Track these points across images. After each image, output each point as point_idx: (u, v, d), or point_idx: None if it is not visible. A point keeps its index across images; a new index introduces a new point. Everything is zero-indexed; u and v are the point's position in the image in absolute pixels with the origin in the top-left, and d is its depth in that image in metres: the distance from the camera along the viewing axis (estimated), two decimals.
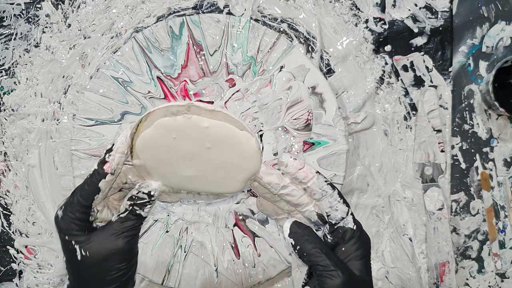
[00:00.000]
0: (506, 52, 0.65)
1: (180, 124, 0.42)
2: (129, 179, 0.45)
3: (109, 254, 0.41)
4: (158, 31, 0.62)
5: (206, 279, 0.61)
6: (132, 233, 0.42)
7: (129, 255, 0.42)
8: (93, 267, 0.41)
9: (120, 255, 0.41)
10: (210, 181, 0.44)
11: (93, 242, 0.41)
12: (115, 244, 0.41)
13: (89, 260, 0.41)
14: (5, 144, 0.65)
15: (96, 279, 0.41)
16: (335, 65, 0.64)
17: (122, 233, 0.42)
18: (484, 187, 0.64)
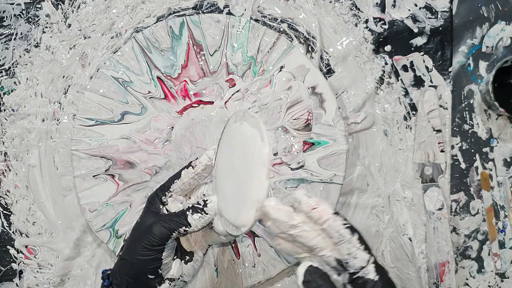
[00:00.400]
0: (506, 52, 0.65)
1: (237, 128, 0.45)
2: None
3: (145, 231, 0.46)
4: (158, 31, 0.62)
5: (206, 279, 0.61)
6: (167, 227, 0.46)
7: (157, 242, 0.46)
8: (135, 233, 0.48)
9: (150, 236, 0.46)
10: (235, 209, 0.44)
11: (146, 216, 0.49)
12: (152, 226, 0.46)
13: (137, 227, 0.49)
14: (5, 144, 0.65)
15: (131, 245, 0.47)
16: (335, 65, 0.64)
17: (161, 222, 0.47)
18: (484, 187, 0.64)
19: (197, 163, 0.49)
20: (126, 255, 0.47)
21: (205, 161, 0.48)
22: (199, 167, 0.49)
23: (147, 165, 0.61)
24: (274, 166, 0.61)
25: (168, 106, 0.62)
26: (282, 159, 0.61)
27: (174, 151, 0.61)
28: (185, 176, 0.49)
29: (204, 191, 0.50)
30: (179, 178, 0.49)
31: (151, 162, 0.61)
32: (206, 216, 0.46)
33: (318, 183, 0.61)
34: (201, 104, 0.62)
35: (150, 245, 0.46)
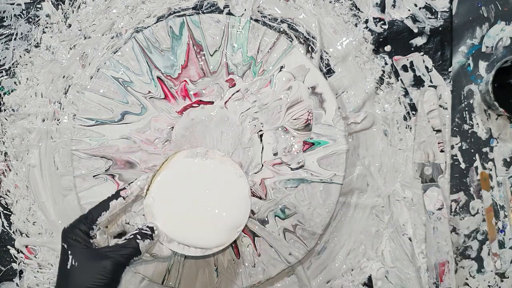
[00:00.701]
0: (505, 52, 0.65)
1: (195, 164, 0.52)
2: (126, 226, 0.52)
3: (94, 270, 0.43)
4: (158, 31, 0.62)
5: (206, 279, 0.61)
6: (121, 260, 0.45)
7: (110, 279, 0.44)
8: (76, 278, 0.44)
9: (102, 274, 0.43)
10: (200, 232, 0.50)
11: (84, 255, 0.45)
12: (103, 263, 0.44)
13: (75, 270, 0.44)
14: (6, 144, 0.65)
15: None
16: (335, 65, 0.65)
17: (113, 256, 0.44)
18: (484, 187, 0.64)
19: (127, 194, 0.50)
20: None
21: (136, 191, 0.50)
22: (130, 197, 0.50)
23: (147, 165, 0.61)
24: (274, 166, 0.61)
25: (168, 106, 0.62)
26: (282, 159, 0.61)
27: (174, 151, 0.62)
28: (114, 208, 0.49)
29: (125, 219, 0.51)
30: (108, 209, 0.48)
31: (151, 162, 0.61)
32: (153, 241, 0.48)
33: (318, 183, 0.61)
34: (201, 104, 0.62)
35: (105, 285, 0.43)
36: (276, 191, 0.61)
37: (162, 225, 0.50)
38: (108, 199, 0.49)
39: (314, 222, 0.61)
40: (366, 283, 0.64)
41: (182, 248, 0.50)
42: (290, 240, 0.61)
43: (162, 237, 0.50)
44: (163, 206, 0.51)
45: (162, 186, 0.51)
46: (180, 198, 0.51)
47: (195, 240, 0.51)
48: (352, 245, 0.64)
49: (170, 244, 0.50)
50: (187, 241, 0.50)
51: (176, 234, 0.50)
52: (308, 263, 0.63)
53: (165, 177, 0.51)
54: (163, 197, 0.51)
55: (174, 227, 0.50)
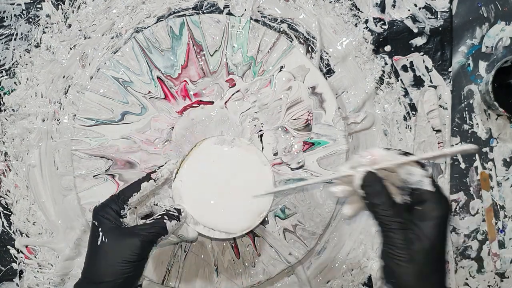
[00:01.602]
0: (505, 52, 0.65)
1: (223, 151, 0.54)
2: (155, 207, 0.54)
3: (123, 246, 0.45)
4: (158, 32, 0.62)
5: (206, 279, 0.61)
6: (150, 238, 0.46)
7: (139, 256, 0.45)
8: (106, 254, 0.45)
9: (131, 251, 0.45)
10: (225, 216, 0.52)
11: (114, 232, 0.46)
12: (132, 240, 0.45)
13: (106, 246, 0.46)
14: (6, 144, 0.65)
15: (104, 266, 0.45)
16: (335, 65, 0.65)
17: (142, 234, 0.46)
18: (484, 187, 0.64)
19: (158, 176, 0.52)
20: (103, 278, 0.44)
21: (166, 175, 0.53)
22: (161, 180, 0.53)
23: (147, 165, 0.61)
24: (274, 166, 0.61)
25: (168, 106, 0.62)
26: (282, 159, 0.61)
27: (174, 151, 0.62)
28: (145, 189, 0.51)
29: (154, 201, 0.54)
30: (139, 191, 0.50)
31: (151, 162, 0.61)
32: (179, 222, 0.50)
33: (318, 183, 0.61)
34: (201, 104, 0.62)
35: (134, 261, 0.45)
36: None
37: (189, 207, 0.52)
38: (139, 180, 0.51)
39: (314, 222, 0.61)
40: (366, 283, 0.64)
41: (207, 231, 0.52)
42: (290, 240, 0.61)
43: (189, 219, 0.52)
44: (190, 190, 0.53)
45: (190, 170, 0.53)
46: (207, 183, 0.53)
47: (220, 223, 0.52)
48: (352, 245, 0.64)
49: (196, 226, 0.52)
50: (212, 224, 0.52)
51: (202, 217, 0.52)
52: (308, 263, 0.63)
53: (193, 161, 0.54)
54: (191, 181, 0.53)
55: (201, 210, 0.52)
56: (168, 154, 0.61)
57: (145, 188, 0.51)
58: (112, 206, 0.49)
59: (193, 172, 0.53)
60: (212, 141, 0.55)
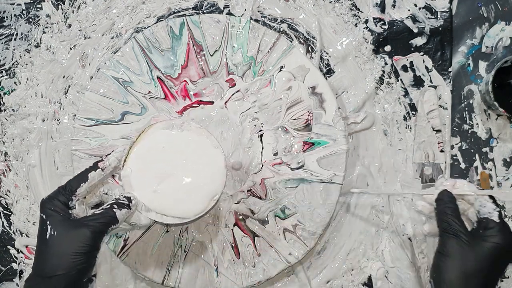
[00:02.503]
0: (505, 52, 0.65)
1: (172, 136, 0.52)
2: (104, 196, 0.53)
3: (73, 238, 0.44)
4: (159, 32, 0.62)
5: (206, 279, 0.61)
6: (100, 228, 0.45)
7: (90, 247, 0.44)
8: (56, 247, 0.44)
9: (81, 242, 0.44)
10: (177, 201, 0.51)
11: (63, 224, 0.45)
12: (82, 231, 0.44)
13: (55, 239, 0.44)
14: (6, 144, 0.65)
15: (55, 259, 0.44)
16: (335, 65, 0.65)
17: (91, 224, 0.45)
18: (484, 187, 0.64)
19: (106, 165, 0.50)
20: (55, 271, 0.43)
21: (114, 163, 0.51)
22: (108, 169, 0.51)
23: None
24: (274, 166, 0.61)
25: (168, 106, 0.62)
26: (282, 159, 0.61)
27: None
28: (93, 179, 0.49)
29: (104, 190, 0.52)
30: (86, 181, 0.49)
31: None
32: (130, 211, 0.49)
33: (318, 183, 0.61)
34: (201, 104, 0.62)
35: (85, 252, 0.44)
36: (276, 191, 0.61)
37: (140, 195, 0.51)
38: (86, 170, 0.50)
39: (314, 222, 0.61)
40: (366, 283, 0.64)
41: (160, 217, 0.51)
42: (290, 240, 0.61)
43: (140, 206, 0.51)
44: (140, 177, 0.51)
45: (139, 157, 0.52)
46: (157, 169, 0.51)
47: (172, 209, 0.51)
48: (352, 245, 0.64)
49: (148, 213, 0.51)
50: (164, 210, 0.51)
51: (154, 203, 0.51)
52: (308, 263, 0.63)
53: (142, 148, 0.52)
54: (140, 168, 0.51)
55: (152, 197, 0.51)
56: None
57: (93, 178, 0.49)
58: (60, 198, 0.47)
59: (142, 159, 0.51)
60: (160, 126, 0.53)
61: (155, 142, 0.52)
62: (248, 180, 0.61)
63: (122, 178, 0.51)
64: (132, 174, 0.51)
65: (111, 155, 0.51)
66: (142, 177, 0.51)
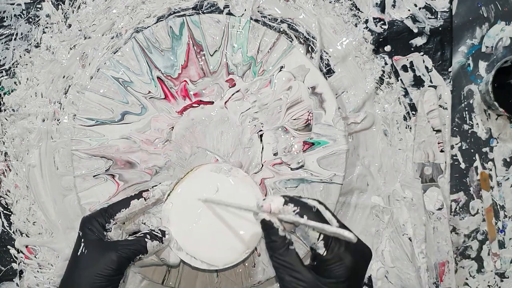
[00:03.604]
0: (505, 52, 0.65)
1: (218, 180, 0.53)
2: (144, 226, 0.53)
3: (100, 259, 0.45)
4: (159, 31, 0.62)
5: (206, 279, 0.61)
6: (127, 255, 0.46)
7: (114, 271, 0.45)
8: (83, 265, 0.46)
9: (107, 265, 0.45)
10: (209, 247, 0.51)
11: (95, 244, 0.47)
12: (109, 254, 0.45)
13: (84, 257, 0.46)
14: (6, 144, 0.65)
15: (80, 277, 0.45)
16: (335, 65, 0.65)
17: (119, 250, 0.46)
18: (484, 187, 0.64)
19: (149, 196, 0.52)
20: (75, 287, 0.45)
21: (158, 195, 0.52)
22: (151, 200, 0.52)
23: (148, 165, 0.61)
24: (274, 166, 0.61)
25: (168, 106, 0.62)
26: (282, 159, 0.61)
27: (174, 151, 0.62)
28: (135, 207, 0.51)
29: (143, 220, 0.53)
30: (127, 207, 0.50)
31: (151, 162, 0.61)
32: (162, 245, 0.49)
33: (318, 183, 0.61)
34: (201, 104, 0.62)
35: (109, 276, 0.45)
36: (276, 191, 0.61)
37: (175, 232, 0.51)
38: (130, 197, 0.51)
39: None
40: (366, 283, 0.64)
41: (189, 259, 0.51)
42: None
43: (173, 243, 0.51)
44: (179, 214, 0.52)
45: (182, 194, 0.52)
46: (197, 210, 0.52)
47: (203, 253, 0.51)
48: None
49: (179, 252, 0.51)
50: (195, 253, 0.51)
51: (187, 243, 0.51)
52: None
53: (187, 186, 0.53)
54: (181, 205, 0.52)
55: (186, 236, 0.51)
56: (168, 154, 0.61)
57: (134, 206, 0.51)
58: (99, 219, 0.49)
59: (185, 197, 0.52)
60: (208, 167, 0.54)
61: (200, 182, 0.53)
62: None
63: (162, 212, 0.52)
64: (172, 210, 0.52)
65: (157, 187, 0.53)
66: (181, 215, 0.52)
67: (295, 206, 0.42)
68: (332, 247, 0.41)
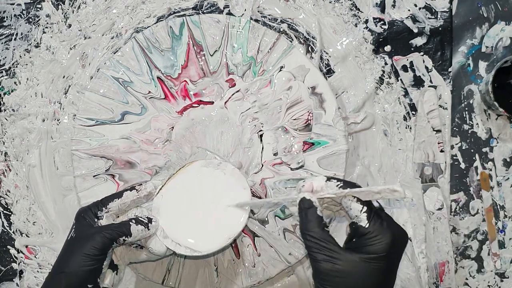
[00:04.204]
0: (505, 52, 0.65)
1: (206, 173, 0.55)
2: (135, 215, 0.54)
3: (85, 241, 0.48)
4: (159, 32, 0.62)
5: (206, 279, 0.61)
6: (111, 236, 0.48)
7: (98, 251, 0.47)
8: (71, 247, 0.49)
9: (91, 245, 0.47)
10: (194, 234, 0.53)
11: (83, 229, 0.50)
12: (94, 236, 0.48)
13: (73, 240, 0.49)
14: (6, 144, 0.65)
15: (68, 257, 0.48)
16: (335, 65, 0.65)
17: (104, 231, 0.48)
18: (484, 187, 0.64)
19: (141, 189, 0.54)
20: (65, 268, 0.47)
21: (150, 188, 0.54)
22: (143, 192, 0.54)
23: (147, 165, 0.61)
24: (274, 166, 0.61)
25: (168, 106, 0.62)
26: (282, 159, 0.61)
27: (174, 151, 0.62)
28: (127, 198, 0.53)
29: (136, 213, 0.54)
30: (120, 197, 0.52)
31: (151, 162, 0.61)
32: (147, 231, 0.51)
33: None
34: (201, 104, 0.62)
35: (93, 255, 0.47)
36: (276, 191, 0.61)
37: (163, 221, 0.53)
38: (124, 190, 0.53)
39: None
40: None
41: (174, 245, 0.53)
42: (290, 240, 0.61)
43: (160, 232, 0.53)
44: (168, 205, 0.54)
45: (173, 187, 0.55)
46: (184, 201, 0.54)
47: (187, 241, 0.53)
48: None
49: (164, 240, 0.53)
50: (180, 240, 0.53)
51: (172, 231, 0.53)
52: (308, 263, 0.63)
53: (177, 180, 0.55)
54: (170, 198, 0.54)
55: (173, 226, 0.53)
56: (168, 154, 0.61)
57: (127, 196, 0.53)
58: (92, 208, 0.51)
59: (175, 190, 0.55)
60: (200, 163, 0.56)
61: (191, 177, 0.55)
62: (248, 180, 0.61)
63: (153, 203, 0.54)
64: (162, 202, 0.54)
65: (150, 181, 0.55)
66: (170, 206, 0.54)
67: (338, 182, 0.44)
68: (375, 220, 0.42)
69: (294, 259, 0.61)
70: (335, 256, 0.41)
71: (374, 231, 0.41)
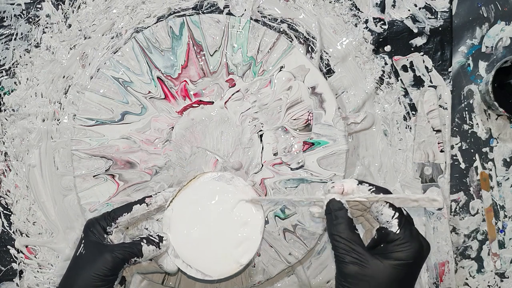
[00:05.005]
0: (505, 52, 0.65)
1: (219, 188, 0.53)
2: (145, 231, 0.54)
3: (96, 260, 0.47)
4: (159, 32, 0.62)
5: None
6: (123, 256, 0.47)
7: (109, 271, 0.46)
8: (80, 265, 0.48)
9: (102, 265, 0.46)
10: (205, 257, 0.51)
11: (93, 246, 0.48)
12: (105, 255, 0.47)
13: (82, 257, 0.48)
14: (6, 144, 0.65)
15: (76, 276, 0.47)
16: (335, 65, 0.65)
17: (115, 251, 0.47)
18: (484, 187, 0.64)
19: (152, 202, 0.52)
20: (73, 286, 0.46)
21: (161, 201, 0.52)
22: (153, 206, 0.52)
23: (147, 165, 0.61)
24: (274, 166, 0.61)
25: (168, 106, 0.62)
26: (282, 159, 0.61)
27: (174, 151, 0.62)
28: (137, 212, 0.51)
29: (146, 225, 0.53)
30: (129, 212, 0.51)
31: (151, 162, 0.61)
32: (159, 250, 0.50)
33: (318, 183, 0.61)
34: (201, 104, 0.62)
35: (103, 276, 0.46)
36: (276, 191, 0.61)
37: (174, 238, 0.51)
38: (133, 202, 0.52)
39: (314, 222, 0.61)
40: None
41: (185, 267, 0.51)
42: (290, 240, 0.61)
43: (171, 250, 0.51)
44: (179, 221, 0.52)
45: (184, 201, 0.53)
46: (196, 217, 0.52)
47: (198, 262, 0.51)
48: None
49: (175, 259, 0.51)
50: (191, 261, 0.51)
51: (184, 251, 0.51)
52: (308, 263, 0.63)
53: (189, 193, 0.53)
54: (182, 212, 0.52)
55: (183, 244, 0.51)
56: (168, 154, 0.61)
57: (136, 211, 0.51)
58: (101, 222, 0.50)
59: (186, 204, 0.52)
60: (211, 175, 0.54)
61: (201, 190, 0.53)
62: (248, 180, 0.61)
63: (163, 218, 0.52)
64: (173, 216, 0.52)
65: (160, 193, 0.53)
66: (181, 221, 0.52)
67: (370, 186, 0.44)
68: (405, 227, 0.42)
69: (294, 259, 0.61)
70: (363, 259, 0.41)
71: (404, 238, 0.41)
